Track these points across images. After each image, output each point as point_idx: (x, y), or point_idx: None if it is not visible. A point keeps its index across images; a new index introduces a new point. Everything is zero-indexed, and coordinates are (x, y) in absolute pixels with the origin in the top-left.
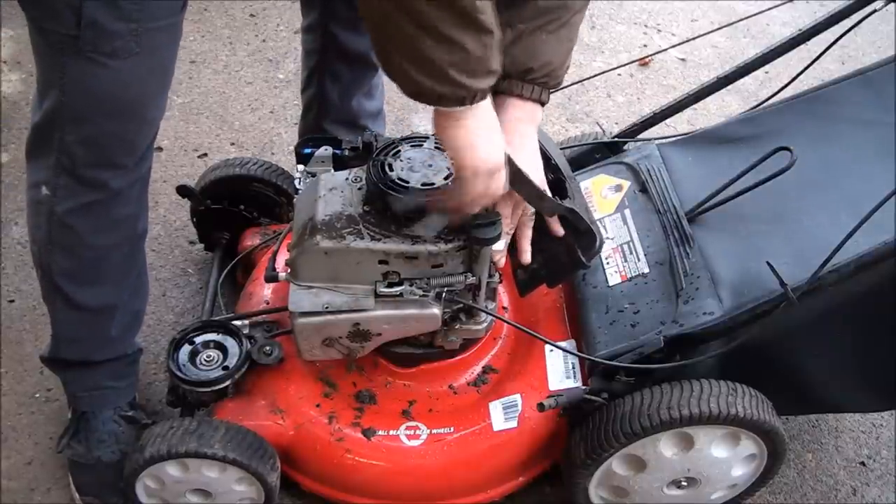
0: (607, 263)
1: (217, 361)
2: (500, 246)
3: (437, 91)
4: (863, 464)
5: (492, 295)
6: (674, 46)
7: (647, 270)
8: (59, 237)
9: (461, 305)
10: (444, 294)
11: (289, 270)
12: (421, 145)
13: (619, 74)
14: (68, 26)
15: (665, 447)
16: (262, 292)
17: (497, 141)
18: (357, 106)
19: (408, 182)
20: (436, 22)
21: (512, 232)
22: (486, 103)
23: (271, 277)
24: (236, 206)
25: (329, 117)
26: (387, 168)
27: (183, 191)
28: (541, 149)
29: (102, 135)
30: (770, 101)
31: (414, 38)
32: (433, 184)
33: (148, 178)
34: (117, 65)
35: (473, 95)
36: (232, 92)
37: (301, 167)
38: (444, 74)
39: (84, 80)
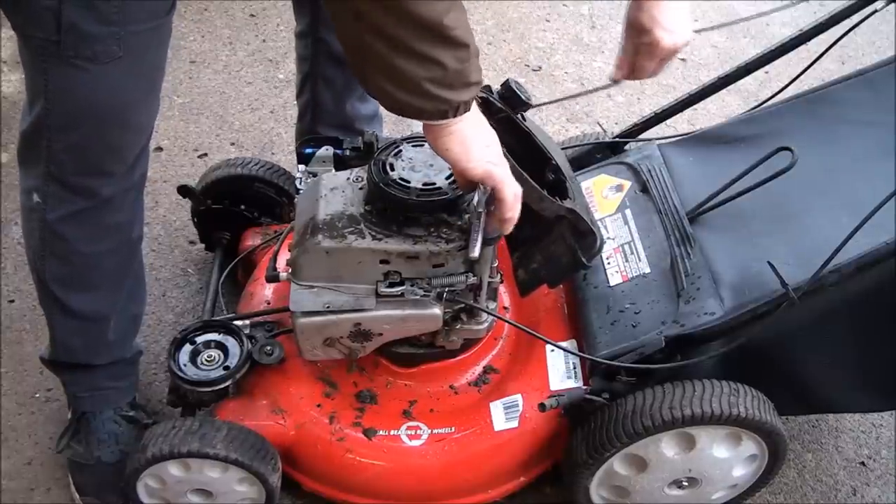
0: (608, 263)
1: (218, 361)
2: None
3: (417, 106)
4: (863, 464)
5: (493, 295)
6: None
7: (648, 270)
8: (52, 244)
9: (462, 305)
10: (445, 294)
11: (290, 270)
12: (422, 145)
13: None
14: (49, 31)
15: (667, 447)
16: (263, 292)
17: (490, 138)
18: (351, 110)
19: (409, 182)
20: (405, 40)
21: None
22: (473, 110)
23: (272, 277)
24: (237, 206)
25: (324, 122)
26: (388, 168)
27: (183, 191)
28: (541, 148)
29: (89, 142)
30: (770, 102)
31: (386, 56)
32: (434, 183)
33: (142, 184)
34: (100, 69)
35: (456, 108)
36: (232, 92)
37: (302, 167)
38: (422, 89)
39: (67, 85)
